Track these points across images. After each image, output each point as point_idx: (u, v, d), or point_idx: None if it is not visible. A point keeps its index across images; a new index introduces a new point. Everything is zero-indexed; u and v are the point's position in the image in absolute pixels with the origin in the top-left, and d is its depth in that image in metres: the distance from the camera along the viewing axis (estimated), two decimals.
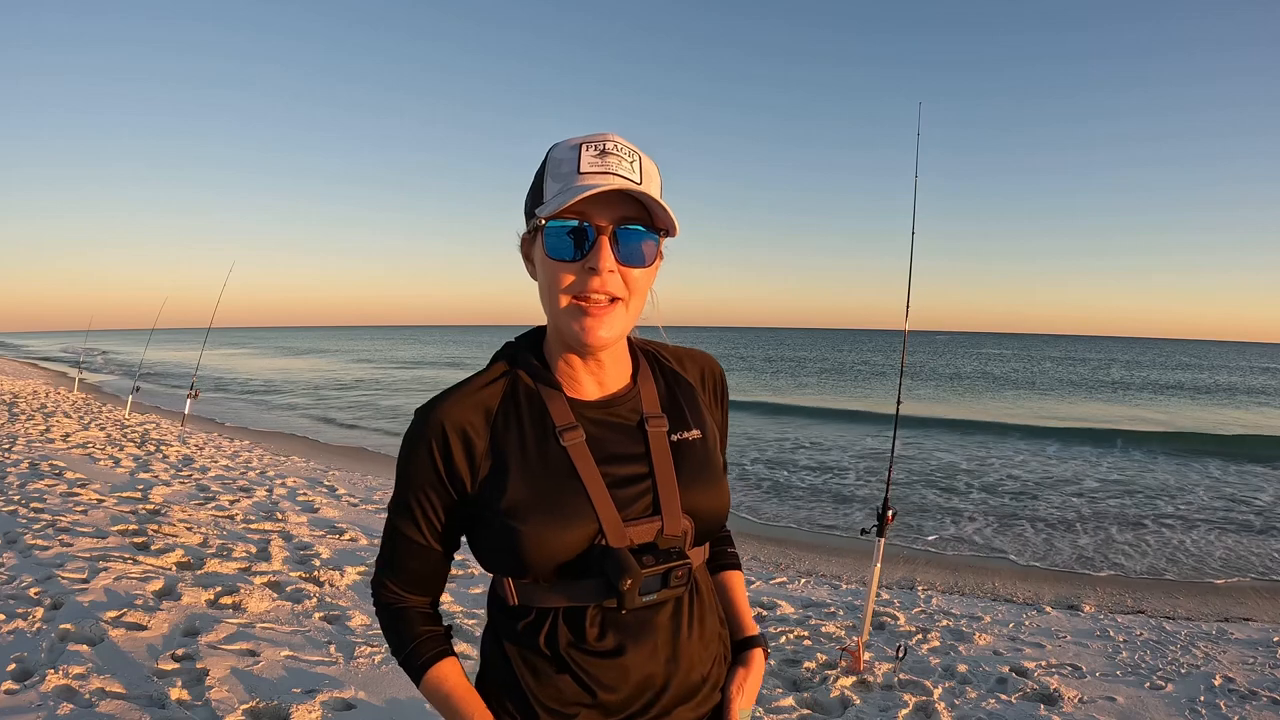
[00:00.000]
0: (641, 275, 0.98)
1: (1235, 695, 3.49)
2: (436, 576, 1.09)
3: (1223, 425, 19.05)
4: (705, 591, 1.09)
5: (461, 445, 1.00)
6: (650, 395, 1.08)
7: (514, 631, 1.03)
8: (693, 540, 1.04)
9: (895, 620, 4.45)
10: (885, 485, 3.58)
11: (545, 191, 0.97)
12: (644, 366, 1.11)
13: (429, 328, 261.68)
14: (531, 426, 1.02)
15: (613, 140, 0.97)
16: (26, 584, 3.86)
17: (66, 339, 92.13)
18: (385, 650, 3.41)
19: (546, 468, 0.99)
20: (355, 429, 15.90)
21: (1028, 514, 8.78)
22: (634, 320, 1.02)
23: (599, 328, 0.96)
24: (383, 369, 38.35)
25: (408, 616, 1.08)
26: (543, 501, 0.97)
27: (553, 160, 0.98)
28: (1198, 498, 9.97)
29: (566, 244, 0.95)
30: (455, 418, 1.01)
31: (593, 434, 1.02)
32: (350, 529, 5.75)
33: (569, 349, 1.02)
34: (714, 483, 1.06)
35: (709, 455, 1.08)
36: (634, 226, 0.96)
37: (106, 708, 2.71)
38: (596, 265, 0.94)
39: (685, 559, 1.00)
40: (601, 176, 0.93)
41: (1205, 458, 13.56)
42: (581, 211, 0.94)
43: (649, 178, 0.98)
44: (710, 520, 1.05)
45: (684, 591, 1.03)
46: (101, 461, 7.98)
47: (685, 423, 1.08)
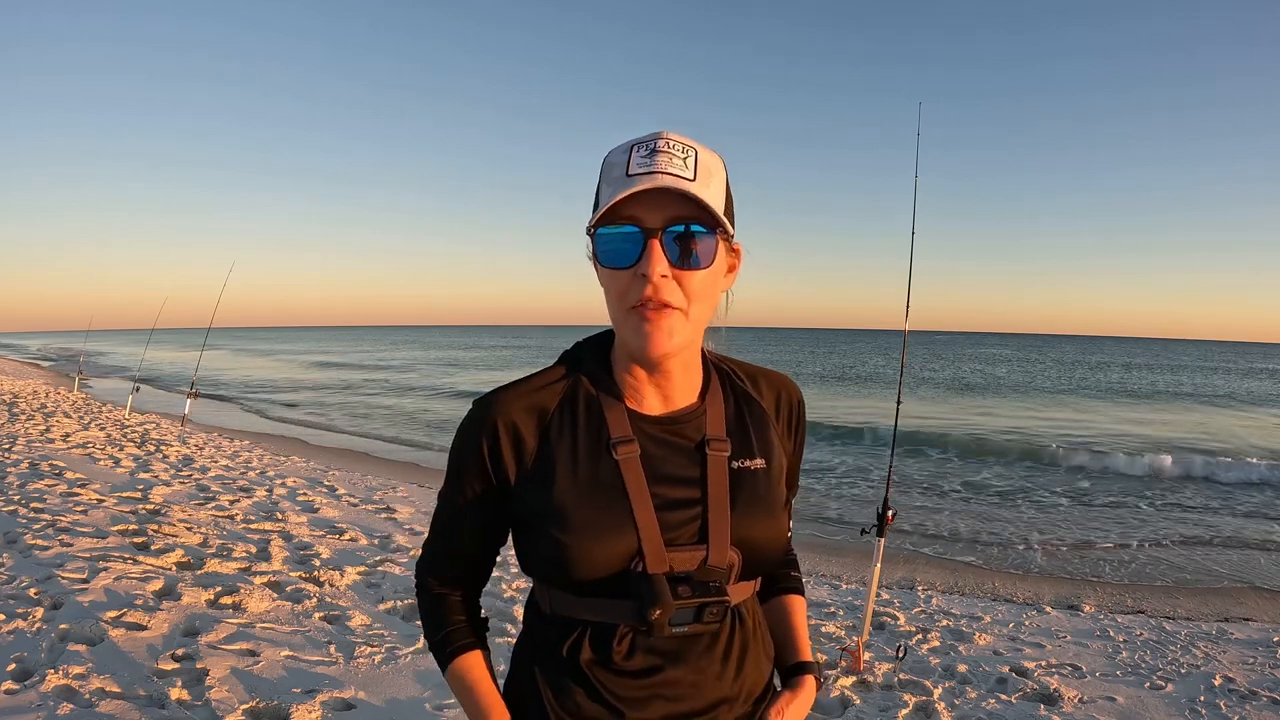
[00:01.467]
0: (702, 278, 0.92)
1: (1235, 695, 3.49)
2: (478, 568, 1.08)
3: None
4: (751, 626, 1.04)
5: (511, 442, 0.98)
6: (717, 416, 1.02)
7: (543, 639, 1.01)
8: (739, 574, 0.99)
9: (895, 620, 4.45)
10: (885, 485, 3.58)
11: (600, 198, 0.93)
12: (715, 383, 1.05)
13: (430, 328, 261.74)
14: (586, 434, 0.98)
15: (664, 138, 0.92)
16: (26, 584, 3.86)
17: (67, 339, 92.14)
18: (385, 650, 3.41)
19: (595, 479, 0.96)
20: (355, 429, 15.90)
21: (1028, 513, 8.78)
22: (699, 328, 0.96)
23: (659, 335, 0.91)
24: (383, 368, 38.35)
25: (446, 604, 1.07)
26: (585, 513, 0.94)
27: (606, 166, 0.95)
28: (1200, 498, 9.97)
29: (616, 250, 0.91)
30: (508, 414, 0.99)
31: (649, 450, 0.97)
32: (350, 529, 5.75)
33: (633, 358, 0.98)
34: (770, 516, 1.00)
35: (770, 487, 1.02)
36: (687, 227, 0.90)
37: (106, 708, 2.71)
38: (647, 271, 0.89)
39: (723, 596, 0.94)
40: (649, 176, 0.88)
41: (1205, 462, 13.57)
42: (631, 215, 0.89)
43: (706, 173, 0.92)
44: (761, 555, 1.00)
45: (719, 627, 0.98)
46: (101, 461, 7.98)
47: (750, 449, 1.02)
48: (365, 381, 29.91)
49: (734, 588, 0.99)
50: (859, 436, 15.56)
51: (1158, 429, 18.14)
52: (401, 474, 9.91)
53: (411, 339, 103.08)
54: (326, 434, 14.89)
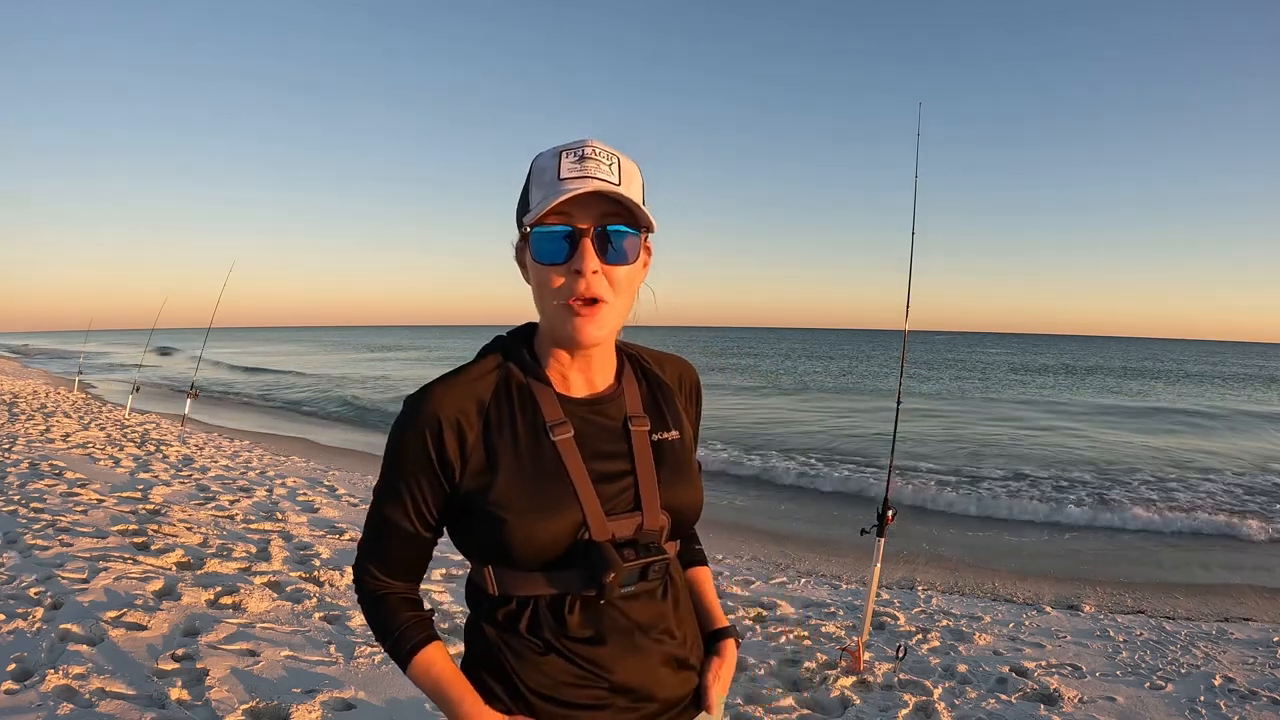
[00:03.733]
0: (627, 273, 1.02)
1: (1235, 695, 3.49)
2: (421, 562, 1.11)
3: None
4: (680, 583, 1.17)
5: (454, 434, 1.03)
6: (634, 396, 1.13)
7: (495, 619, 1.07)
8: (668, 535, 1.09)
9: (895, 620, 4.45)
10: (885, 485, 3.58)
11: (530, 199, 1.02)
12: (628, 368, 1.16)
13: (430, 328, 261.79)
14: (523, 421, 1.05)
15: (591, 145, 1.01)
16: (26, 584, 3.86)
17: (67, 339, 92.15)
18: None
19: (536, 462, 1.03)
20: (356, 429, 15.90)
21: (1027, 514, 8.78)
22: (623, 317, 1.06)
23: (589, 326, 1.00)
24: (385, 369, 38.34)
25: (391, 602, 1.10)
26: (532, 494, 1.01)
27: (536, 169, 1.03)
28: (1200, 497, 9.97)
29: (552, 248, 0.99)
30: (449, 407, 1.03)
31: (580, 431, 1.06)
32: (350, 529, 5.75)
33: (560, 346, 1.07)
34: (690, 481, 1.12)
35: (686, 455, 1.14)
36: (615, 226, 1.00)
37: (106, 708, 2.71)
38: (581, 266, 0.98)
39: (664, 554, 1.06)
40: (580, 180, 0.97)
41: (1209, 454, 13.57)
42: (564, 215, 0.98)
43: (628, 177, 1.02)
44: (686, 516, 1.12)
45: (660, 584, 1.10)
46: (101, 461, 7.98)
47: (665, 423, 1.13)
48: (367, 380, 29.91)
49: (666, 545, 1.10)
50: (859, 432, 15.55)
51: (1158, 433, 18.15)
52: None
53: (414, 338, 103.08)
54: (327, 434, 14.89)
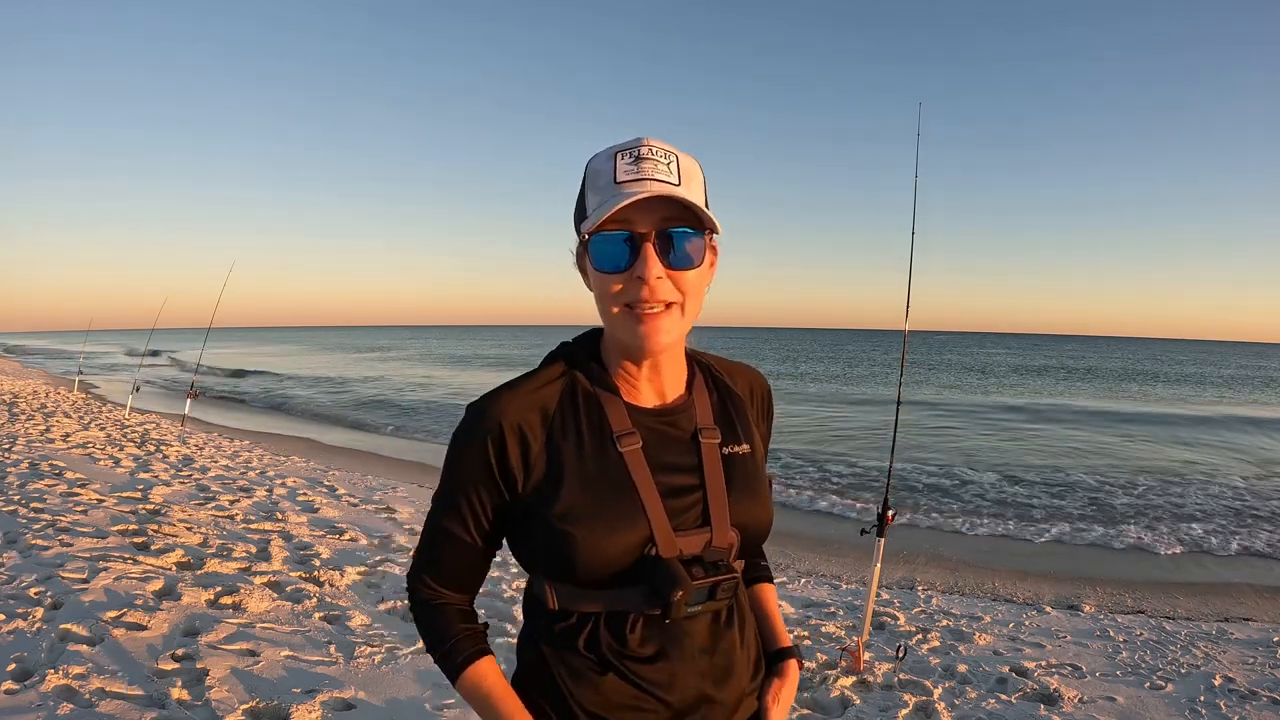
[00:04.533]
0: (693, 276, 0.97)
1: (1235, 695, 3.49)
2: (476, 574, 1.08)
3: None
4: (745, 601, 1.11)
5: (518, 444, 0.99)
6: (704, 407, 1.08)
7: (551, 634, 1.02)
8: (736, 553, 1.05)
9: (895, 620, 4.45)
10: (885, 485, 3.58)
11: (587, 204, 0.97)
12: (698, 377, 1.11)
13: (431, 328, 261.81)
14: (589, 431, 1.01)
15: (647, 144, 0.96)
16: (26, 584, 3.86)
17: (67, 339, 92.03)
18: (385, 650, 3.41)
19: (603, 473, 0.98)
20: (356, 428, 15.90)
21: (1027, 514, 8.78)
22: (690, 322, 1.01)
23: (655, 333, 0.96)
24: (384, 369, 38.34)
25: (446, 613, 1.07)
26: (597, 507, 0.97)
27: (591, 172, 0.98)
28: (1202, 494, 9.97)
29: (612, 255, 0.95)
30: (512, 416, 1.00)
31: (649, 442, 1.02)
32: (350, 529, 5.75)
33: (626, 355, 1.03)
34: (760, 497, 1.07)
35: (757, 469, 1.09)
36: (678, 229, 0.95)
37: (106, 708, 2.71)
38: (644, 274, 0.93)
39: (733, 573, 1.00)
40: (637, 184, 0.93)
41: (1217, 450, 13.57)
42: (624, 220, 0.93)
43: (688, 176, 0.96)
44: (756, 534, 1.06)
45: (727, 603, 1.04)
46: (101, 461, 7.98)
47: (736, 436, 1.09)
48: (367, 380, 29.91)
49: (734, 564, 1.05)
50: (861, 432, 15.55)
51: (1159, 426, 18.15)
52: (402, 474, 9.90)
53: (416, 338, 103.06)
54: (327, 434, 14.89)
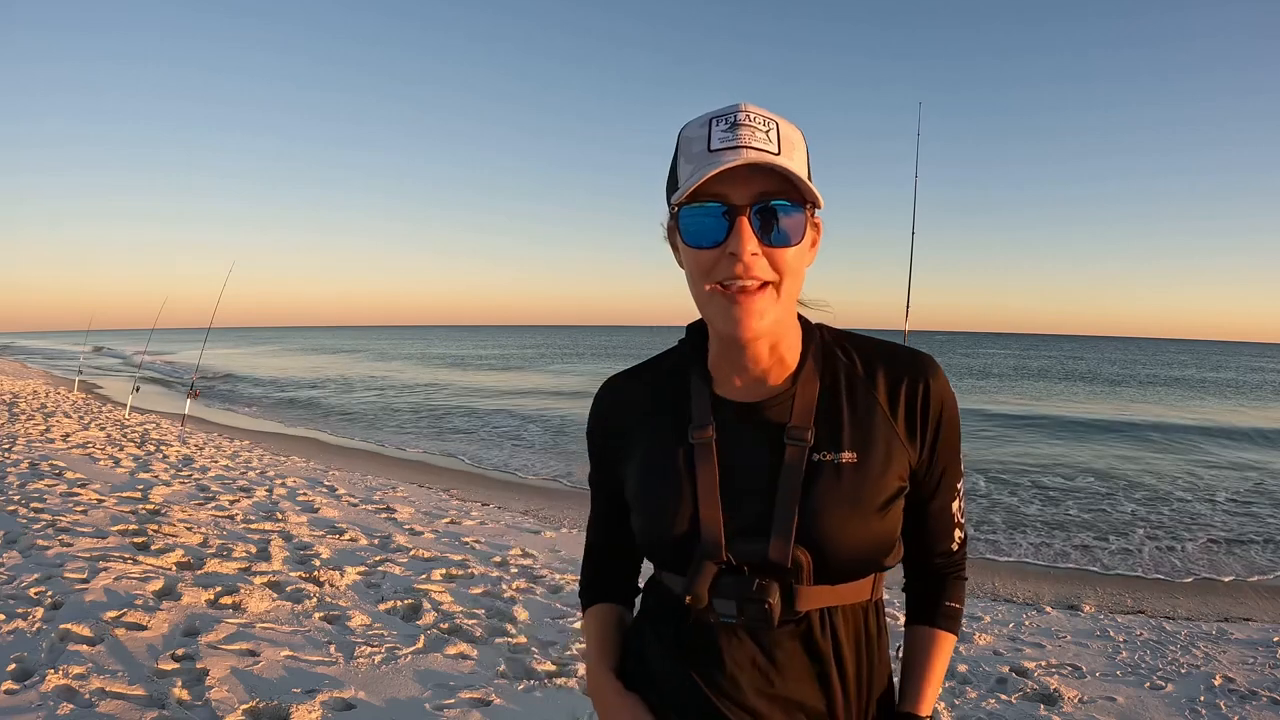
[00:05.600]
0: (792, 254, 0.88)
1: (1235, 695, 3.49)
2: (620, 535, 1.09)
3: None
4: (848, 641, 0.95)
5: (614, 425, 1.05)
6: (806, 402, 0.95)
7: (644, 602, 1.08)
8: (812, 576, 0.91)
9: (895, 620, 4.45)
10: None
11: (680, 174, 0.90)
12: (811, 365, 0.98)
13: (433, 327, 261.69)
14: (671, 416, 1.00)
15: (745, 110, 0.88)
16: (27, 584, 3.86)
17: (67, 339, 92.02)
18: (385, 650, 3.41)
19: (667, 463, 0.97)
20: (357, 429, 15.90)
21: (1027, 513, 8.78)
22: (790, 305, 0.93)
23: (748, 317, 0.87)
24: (386, 368, 38.34)
25: (597, 561, 1.16)
26: (654, 493, 0.97)
27: (684, 140, 0.91)
28: (1200, 495, 9.97)
29: (704, 228, 0.88)
30: (613, 398, 1.06)
31: (726, 436, 0.96)
32: (350, 529, 5.75)
33: (721, 340, 0.96)
34: (853, 515, 0.91)
35: (860, 484, 0.92)
36: (778, 202, 0.87)
37: (106, 708, 2.71)
38: (737, 249, 0.86)
39: (763, 599, 0.89)
40: (732, 152, 0.85)
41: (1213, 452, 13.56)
42: (718, 193, 0.86)
43: (789, 145, 0.88)
44: (838, 557, 0.91)
45: (774, 631, 0.92)
46: (101, 461, 7.98)
47: (839, 441, 0.94)
48: (368, 380, 29.91)
49: (809, 591, 0.92)
50: None
51: (1159, 425, 18.13)
52: (402, 474, 9.90)
53: (414, 338, 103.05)
54: (327, 433, 14.89)
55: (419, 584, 4.43)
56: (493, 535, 6.06)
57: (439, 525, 6.25)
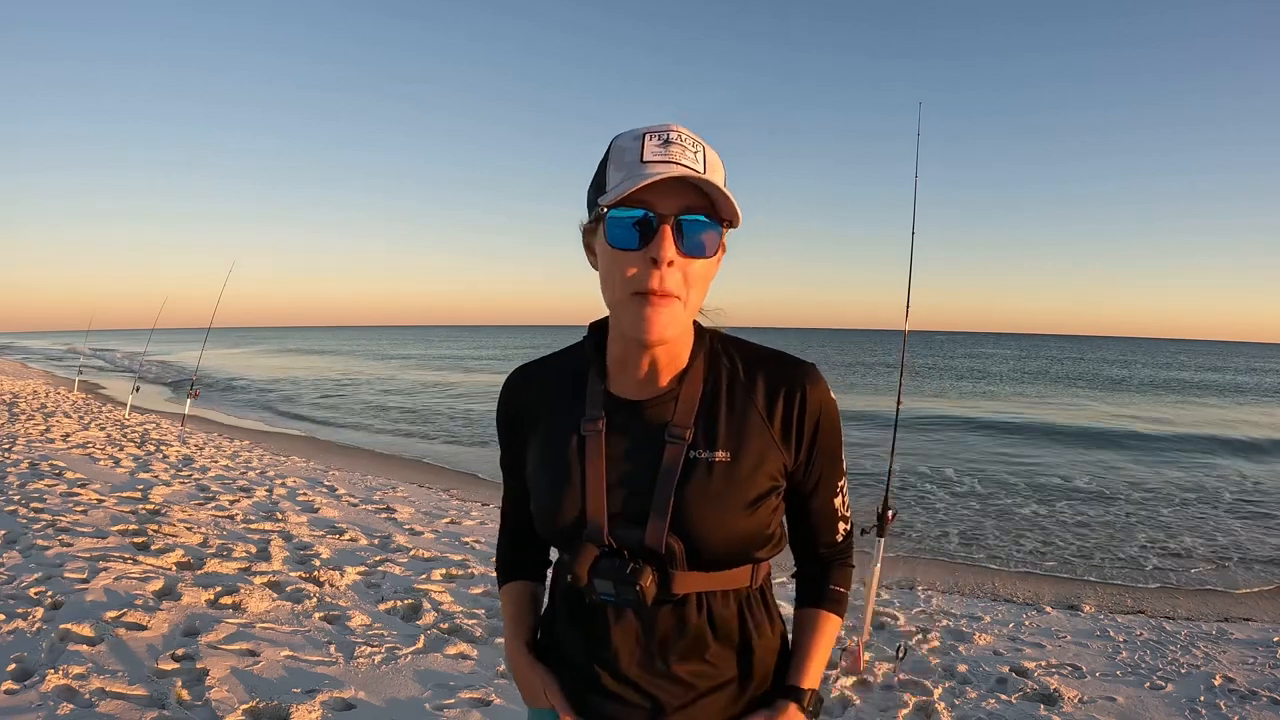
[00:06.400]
0: (702, 267, 0.97)
1: (1235, 695, 3.49)
2: (523, 517, 1.16)
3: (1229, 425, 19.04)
4: (727, 623, 1.04)
5: (518, 413, 1.13)
6: (688, 402, 1.02)
7: (555, 577, 1.15)
8: (685, 563, 1.00)
9: (895, 620, 4.45)
10: (885, 485, 3.58)
11: (608, 180, 0.97)
12: (698, 368, 1.05)
13: (434, 328, 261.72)
14: (568, 408, 1.07)
15: (676, 130, 0.96)
16: (27, 584, 3.86)
17: (67, 339, 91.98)
18: (385, 650, 3.41)
19: (561, 449, 1.05)
20: (357, 429, 15.90)
21: (1027, 514, 8.78)
22: (693, 314, 1.01)
23: (657, 323, 0.94)
24: (386, 369, 38.34)
25: (500, 544, 1.26)
26: (544, 482, 1.06)
27: (616, 149, 0.98)
28: (1201, 496, 9.97)
29: (629, 233, 0.94)
30: (517, 383, 1.13)
31: (615, 431, 1.03)
32: (350, 529, 5.75)
33: (625, 341, 1.02)
34: (722, 510, 0.99)
35: (731, 481, 1.00)
36: (697, 216, 0.94)
37: (106, 708, 2.71)
38: (658, 255, 0.92)
39: (633, 581, 0.97)
40: (664, 165, 0.93)
41: (1212, 456, 13.56)
42: (644, 200, 0.93)
43: (713, 168, 0.96)
44: (708, 547, 1.00)
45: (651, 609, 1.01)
46: (101, 461, 7.98)
47: (714, 441, 1.01)
48: (367, 380, 29.91)
49: (685, 575, 1.01)
50: (860, 434, 15.54)
51: (1158, 426, 18.14)
52: (401, 474, 9.91)
53: (418, 338, 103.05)
54: (327, 433, 14.89)
55: (419, 584, 4.44)
56: (493, 535, 6.05)
57: (439, 525, 6.26)
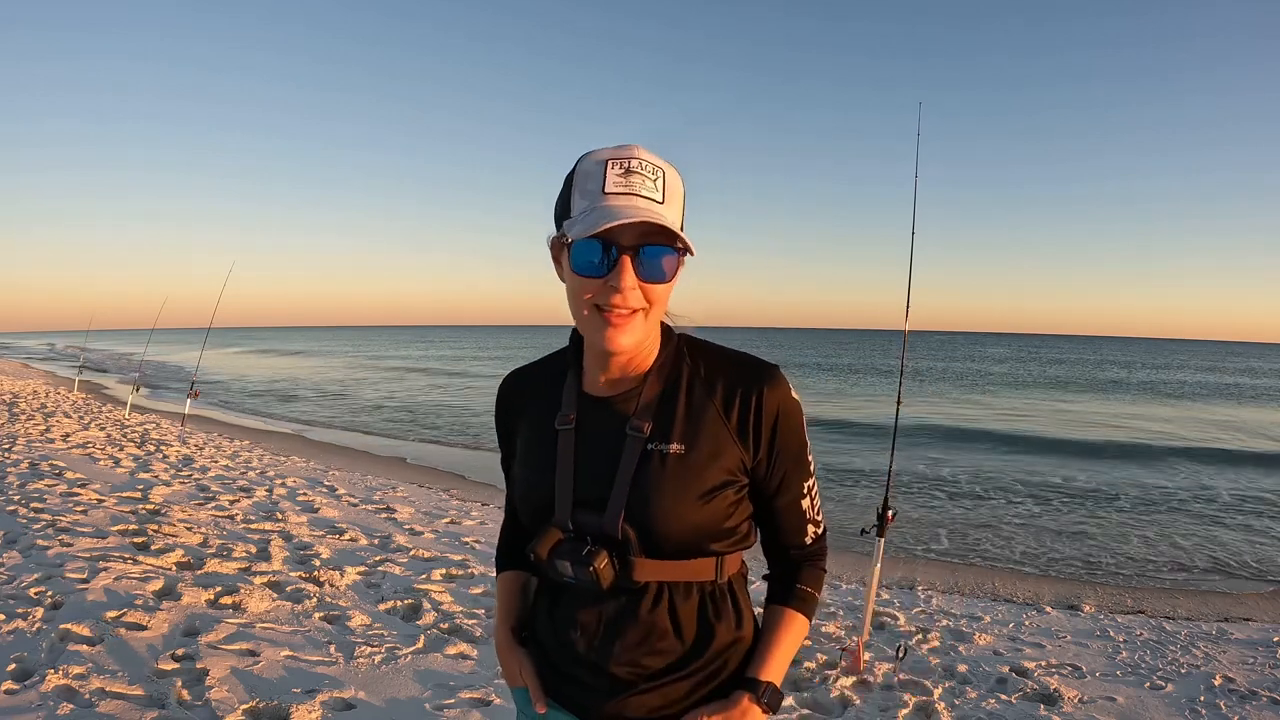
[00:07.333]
0: (662, 289, 1.03)
1: (1235, 695, 3.49)
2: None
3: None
4: (688, 614, 1.09)
5: (510, 412, 1.23)
6: (648, 398, 1.09)
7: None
8: (641, 550, 1.05)
9: (895, 620, 4.45)
10: (885, 485, 3.58)
11: (573, 206, 1.02)
12: (661, 366, 1.11)
13: (434, 328, 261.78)
14: (548, 406, 1.15)
15: (637, 157, 1.00)
16: (27, 584, 3.86)
17: (67, 339, 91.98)
18: (385, 650, 3.41)
19: (540, 447, 1.14)
20: (357, 429, 15.90)
21: (1027, 515, 8.78)
22: (654, 326, 1.08)
23: (619, 336, 1.02)
24: (386, 368, 38.33)
25: (505, 533, 1.35)
26: (524, 472, 1.16)
27: (580, 174, 1.02)
28: (1202, 497, 9.97)
29: (591, 262, 1.00)
30: (509, 386, 1.24)
31: (585, 426, 1.11)
32: (350, 529, 5.75)
33: (592, 350, 1.11)
34: (674, 500, 1.04)
35: (683, 472, 1.05)
36: (655, 245, 1.00)
37: (106, 708, 2.71)
38: (618, 284, 0.99)
39: (587, 564, 1.03)
40: (625, 198, 0.98)
41: (1214, 462, 13.56)
42: (607, 232, 0.98)
43: (671, 193, 1.02)
44: (660, 536, 1.05)
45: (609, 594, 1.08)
46: (101, 461, 7.98)
47: (669, 434, 1.07)
48: (367, 380, 29.91)
49: (645, 563, 1.06)
50: (860, 434, 15.55)
51: (1159, 425, 18.13)
52: (401, 474, 9.91)
53: (416, 338, 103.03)
54: (327, 433, 14.89)
55: (419, 584, 4.44)
56: (493, 535, 6.05)
57: (439, 525, 6.26)
